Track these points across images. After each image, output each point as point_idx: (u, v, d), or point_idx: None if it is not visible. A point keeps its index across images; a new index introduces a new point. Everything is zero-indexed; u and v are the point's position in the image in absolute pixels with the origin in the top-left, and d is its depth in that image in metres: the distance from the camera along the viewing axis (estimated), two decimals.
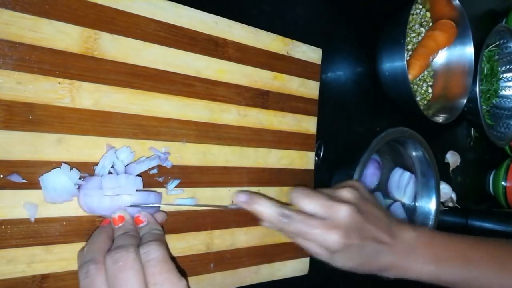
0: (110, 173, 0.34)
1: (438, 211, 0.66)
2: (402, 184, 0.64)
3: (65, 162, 0.32)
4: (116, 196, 0.32)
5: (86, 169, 0.33)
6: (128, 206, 0.33)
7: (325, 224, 0.36)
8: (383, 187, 0.65)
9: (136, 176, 0.35)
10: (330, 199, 0.37)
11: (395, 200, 0.66)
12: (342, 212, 0.36)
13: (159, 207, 0.36)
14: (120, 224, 0.32)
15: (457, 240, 0.42)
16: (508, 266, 0.41)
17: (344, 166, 0.58)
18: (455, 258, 0.40)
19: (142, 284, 0.27)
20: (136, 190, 0.33)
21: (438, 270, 0.40)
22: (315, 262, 0.52)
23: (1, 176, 0.30)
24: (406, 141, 0.64)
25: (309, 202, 0.37)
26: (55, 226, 0.32)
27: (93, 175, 0.33)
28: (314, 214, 0.37)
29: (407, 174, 0.64)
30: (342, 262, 0.38)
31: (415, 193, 0.67)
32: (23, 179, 0.30)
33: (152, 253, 0.29)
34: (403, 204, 0.66)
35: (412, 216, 0.67)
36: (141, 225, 0.33)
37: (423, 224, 0.66)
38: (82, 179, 0.33)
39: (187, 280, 0.29)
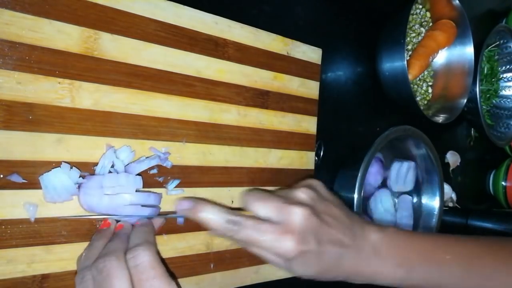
0: (110, 172, 0.34)
1: (442, 208, 0.66)
2: (402, 174, 0.64)
3: (65, 162, 0.32)
4: (116, 195, 0.32)
5: (86, 169, 0.33)
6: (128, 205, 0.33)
7: (277, 229, 0.32)
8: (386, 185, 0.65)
9: (136, 175, 0.35)
10: (284, 201, 0.34)
11: (396, 193, 0.66)
12: (296, 214, 0.33)
13: (159, 208, 0.36)
14: (118, 230, 0.32)
15: (426, 240, 0.39)
16: (476, 266, 0.37)
17: (347, 165, 0.58)
18: (425, 260, 0.37)
19: None
20: (136, 191, 0.33)
21: (408, 273, 0.36)
22: None
23: (1, 176, 0.30)
24: (408, 139, 0.64)
25: (262, 205, 0.34)
26: (55, 226, 0.32)
27: (93, 175, 0.33)
28: (267, 218, 0.33)
29: (405, 163, 0.64)
30: (301, 270, 0.34)
31: (416, 180, 0.67)
32: (23, 179, 0.30)
33: (139, 258, 0.28)
34: (412, 198, 0.66)
35: (417, 213, 0.67)
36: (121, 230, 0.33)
37: (427, 222, 0.66)
38: (82, 178, 0.33)
39: (177, 283, 0.28)
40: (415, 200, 0.68)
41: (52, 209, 0.32)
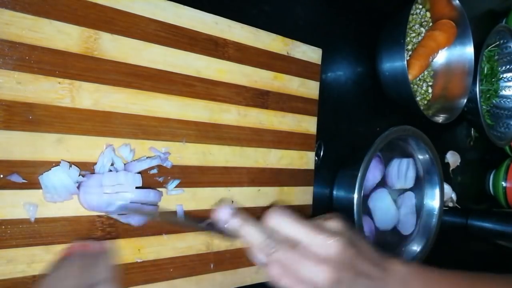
0: (110, 171, 0.34)
1: (442, 208, 0.66)
2: (402, 171, 0.64)
3: (65, 162, 0.32)
4: (115, 193, 0.32)
5: (86, 169, 0.33)
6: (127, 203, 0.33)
7: (314, 256, 0.31)
8: (385, 182, 0.65)
9: (135, 173, 0.35)
10: (318, 229, 0.33)
11: (398, 190, 0.66)
12: (334, 243, 0.32)
13: (157, 206, 0.36)
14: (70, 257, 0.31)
15: (449, 276, 0.40)
16: None
17: (347, 165, 0.58)
18: None
19: None
20: (136, 188, 0.33)
21: None
22: None
23: (1, 176, 0.30)
24: (408, 139, 0.64)
25: (295, 230, 0.32)
26: (55, 226, 0.32)
27: (93, 173, 0.33)
28: (299, 243, 0.32)
29: (405, 160, 0.64)
30: None
31: (417, 177, 0.67)
32: (23, 179, 0.30)
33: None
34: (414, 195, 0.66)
35: (417, 213, 0.67)
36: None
37: (427, 222, 0.66)
38: (82, 176, 0.33)
39: None
40: (416, 201, 0.68)
41: (52, 209, 0.32)
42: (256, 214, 0.45)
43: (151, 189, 0.35)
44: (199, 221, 0.34)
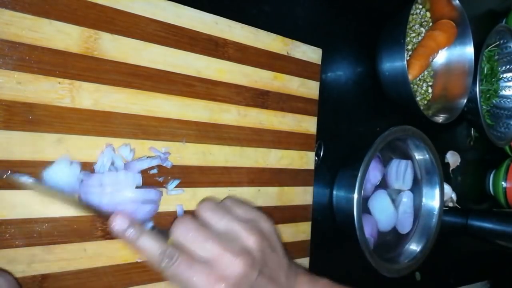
0: (110, 170, 0.34)
1: (442, 208, 0.66)
2: (400, 172, 0.64)
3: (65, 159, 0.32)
4: (116, 192, 0.32)
5: (87, 169, 0.33)
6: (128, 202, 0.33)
7: (212, 274, 0.30)
8: (384, 183, 0.65)
9: (136, 173, 0.35)
10: (225, 245, 0.32)
11: (397, 190, 0.66)
12: (236, 265, 0.31)
13: (157, 204, 0.36)
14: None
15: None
16: None
17: (347, 165, 0.58)
18: None
19: None
20: (136, 187, 0.34)
21: None
22: (315, 261, 0.52)
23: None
24: (408, 139, 0.64)
25: (202, 244, 0.31)
26: (55, 226, 0.32)
27: (94, 173, 0.33)
28: (203, 257, 0.31)
29: (403, 162, 0.64)
30: None
31: (415, 179, 0.67)
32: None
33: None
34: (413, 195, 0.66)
35: (417, 213, 0.67)
36: None
37: (427, 222, 0.66)
38: (83, 171, 0.33)
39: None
40: (415, 200, 0.68)
41: (52, 209, 0.32)
42: None
43: (151, 188, 0.35)
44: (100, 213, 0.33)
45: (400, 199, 0.65)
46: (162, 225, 0.37)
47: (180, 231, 0.32)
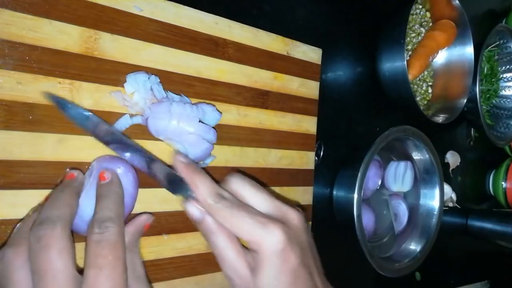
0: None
1: (442, 208, 0.66)
2: (399, 174, 0.64)
3: (66, 162, 0.32)
4: (181, 122, 0.35)
5: (86, 170, 0.33)
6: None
7: (268, 218, 0.27)
8: (383, 184, 0.65)
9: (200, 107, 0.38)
10: (280, 200, 0.30)
11: (394, 193, 0.66)
12: (294, 216, 0.29)
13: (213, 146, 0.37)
14: (67, 180, 0.29)
15: None
16: None
17: (347, 165, 0.58)
18: None
19: (70, 266, 0.24)
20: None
21: None
22: None
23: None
24: (408, 139, 0.64)
25: (255, 194, 0.29)
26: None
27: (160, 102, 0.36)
28: (257, 207, 0.29)
29: (402, 163, 0.64)
30: (268, 281, 0.27)
31: (415, 180, 0.67)
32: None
33: (106, 235, 0.25)
34: (406, 201, 0.66)
35: (414, 215, 0.67)
36: (102, 182, 0.30)
37: (426, 222, 0.66)
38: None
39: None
40: (414, 200, 0.68)
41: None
42: None
43: (211, 127, 0.38)
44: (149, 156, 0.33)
45: (393, 204, 0.65)
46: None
47: (236, 179, 0.30)
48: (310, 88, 0.51)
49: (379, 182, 0.62)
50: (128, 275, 0.26)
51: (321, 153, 0.56)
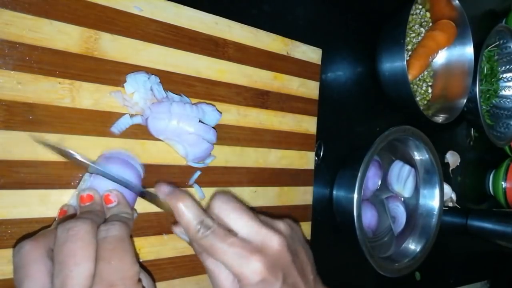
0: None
1: (442, 208, 0.66)
2: (402, 177, 0.64)
3: (66, 162, 0.32)
4: (181, 122, 0.35)
5: (86, 170, 0.33)
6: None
7: (248, 247, 0.29)
8: (383, 184, 0.65)
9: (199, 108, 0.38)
10: (262, 223, 0.31)
11: (394, 193, 0.66)
12: (273, 241, 0.30)
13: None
14: (88, 203, 0.30)
15: None
16: None
17: (347, 165, 0.58)
18: None
19: (90, 259, 0.25)
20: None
21: None
22: (315, 262, 0.52)
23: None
24: (408, 139, 0.64)
25: (238, 218, 0.30)
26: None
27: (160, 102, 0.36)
28: (238, 233, 0.30)
29: (407, 167, 0.64)
30: None
31: (415, 188, 0.67)
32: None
33: (112, 231, 0.27)
34: (404, 202, 0.66)
35: (413, 215, 0.67)
36: (110, 205, 0.31)
37: (426, 222, 0.66)
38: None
39: (154, 284, 0.27)
40: (414, 200, 0.68)
41: (52, 209, 0.32)
42: None
43: (211, 127, 0.38)
44: (140, 188, 0.34)
45: (390, 206, 0.65)
46: None
47: (219, 203, 0.31)
48: (310, 88, 0.51)
49: (379, 183, 0.62)
50: None
51: (321, 153, 0.56)
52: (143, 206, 0.36)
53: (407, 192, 0.65)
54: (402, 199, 0.66)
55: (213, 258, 0.30)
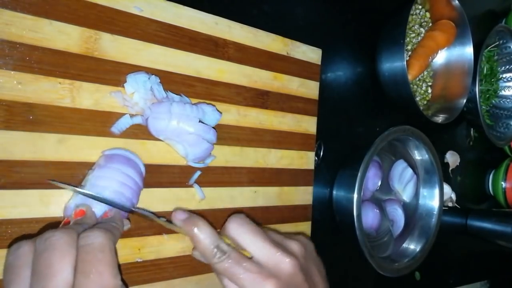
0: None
1: (441, 208, 0.66)
2: (404, 178, 0.64)
3: (66, 162, 0.32)
4: (181, 122, 0.35)
5: (86, 170, 0.33)
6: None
7: (262, 272, 0.31)
8: (383, 185, 0.65)
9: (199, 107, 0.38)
10: (277, 246, 0.32)
11: (394, 192, 0.65)
12: (286, 264, 0.32)
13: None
14: (79, 218, 0.30)
15: None
16: None
17: (347, 165, 0.58)
18: None
19: (69, 269, 0.24)
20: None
21: None
22: None
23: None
24: (408, 139, 0.64)
25: (253, 242, 0.32)
26: (56, 225, 0.32)
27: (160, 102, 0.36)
28: (252, 256, 0.32)
29: (410, 170, 0.64)
30: None
31: (415, 194, 0.67)
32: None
33: (91, 239, 0.25)
34: (403, 204, 0.66)
35: (413, 215, 0.67)
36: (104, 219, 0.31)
37: (426, 222, 0.66)
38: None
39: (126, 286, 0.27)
40: (414, 200, 0.68)
41: (52, 209, 0.32)
42: (256, 214, 0.45)
43: (211, 127, 0.38)
44: (157, 215, 0.35)
45: (388, 209, 0.65)
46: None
47: (235, 226, 0.33)
48: (310, 88, 0.51)
49: (379, 183, 0.62)
50: None
51: (321, 153, 0.56)
52: (142, 206, 0.36)
53: (406, 195, 0.65)
54: (402, 202, 0.66)
55: (229, 280, 0.31)
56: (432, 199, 0.67)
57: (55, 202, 0.32)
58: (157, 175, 0.38)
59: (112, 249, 0.26)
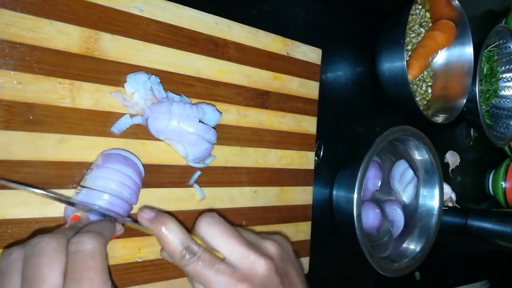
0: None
1: (441, 208, 0.66)
2: (405, 179, 0.64)
3: (66, 162, 0.32)
4: (181, 122, 0.35)
5: (86, 170, 0.33)
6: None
7: (235, 274, 0.29)
8: (383, 185, 0.65)
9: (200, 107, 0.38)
10: (251, 247, 0.30)
11: (394, 191, 0.66)
12: (261, 266, 0.30)
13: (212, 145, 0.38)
14: (73, 222, 0.30)
15: None
16: None
17: (347, 165, 0.58)
18: None
19: (57, 276, 0.23)
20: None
21: None
22: (315, 261, 0.52)
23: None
24: (408, 139, 0.64)
25: (225, 243, 0.30)
26: (56, 226, 0.32)
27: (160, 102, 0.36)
28: (225, 257, 0.30)
29: (411, 172, 0.64)
30: None
31: (415, 196, 0.67)
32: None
33: (82, 245, 0.25)
34: (403, 205, 0.66)
35: (413, 215, 0.67)
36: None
37: (426, 222, 0.66)
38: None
39: None
40: (414, 200, 0.68)
41: (52, 209, 0.32)
42: (256, 214, 0.45)
43: (211, 127, 0.38)
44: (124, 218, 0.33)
45: (389, 210, 0.65)
46: None
47: (205, 225, 0.31)
48: (310, 88, 0.51)
49: (379, 184, 0.62)
50: None
51: (321, 153, 0.56)
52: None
53: (406, 196, 0.65)
54: (401, 203, 0.66)
55: (200, 284, 0.29)
56: (432, 199, 0.67)
57: (55, 202, 0.32)
58: (157, 175, 0.38)
59: (103, 254, 0.26)
